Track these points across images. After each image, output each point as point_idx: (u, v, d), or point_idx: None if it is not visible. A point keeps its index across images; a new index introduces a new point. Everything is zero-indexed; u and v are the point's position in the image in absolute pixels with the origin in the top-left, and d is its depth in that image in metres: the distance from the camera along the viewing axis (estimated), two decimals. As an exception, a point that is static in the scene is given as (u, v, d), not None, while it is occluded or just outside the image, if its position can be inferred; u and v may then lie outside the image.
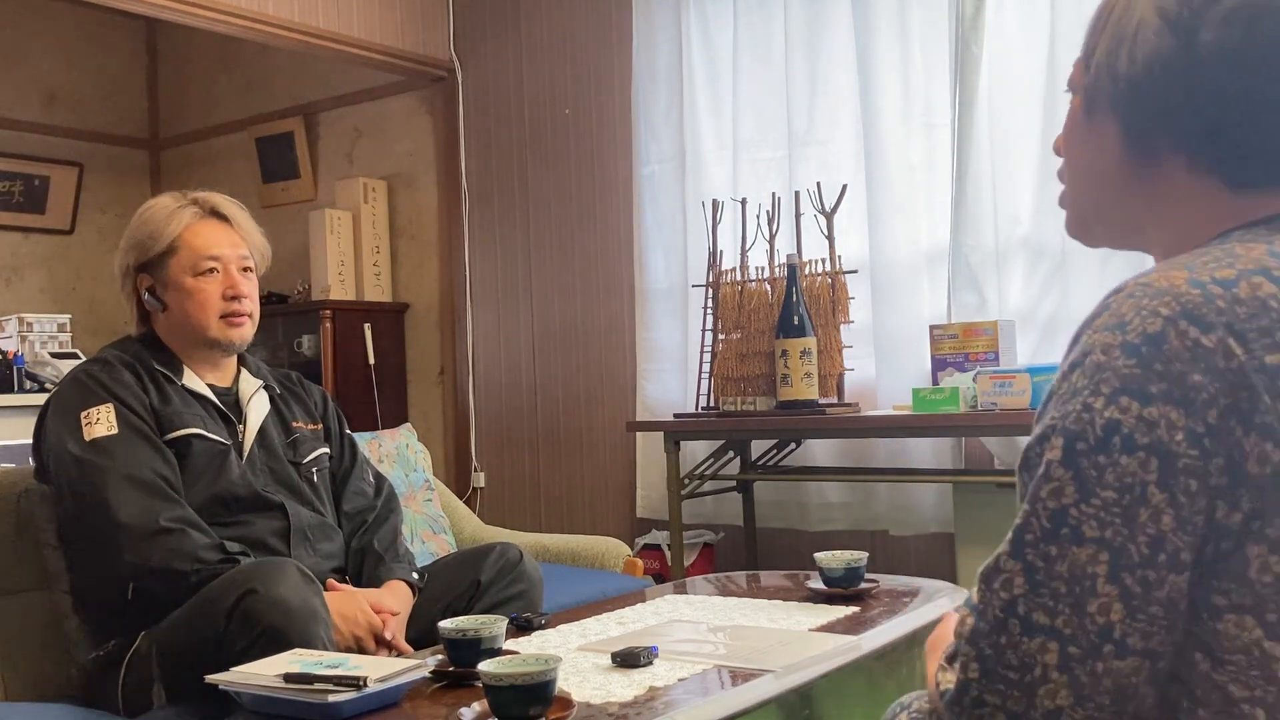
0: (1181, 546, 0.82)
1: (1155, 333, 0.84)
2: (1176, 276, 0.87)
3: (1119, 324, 0.86)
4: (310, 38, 4.10)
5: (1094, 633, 0.81)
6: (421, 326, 4.74)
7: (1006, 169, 3.32)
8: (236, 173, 5.18)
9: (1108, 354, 0.85)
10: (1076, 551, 0.82)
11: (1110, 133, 1.00)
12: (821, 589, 2.16)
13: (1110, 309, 0.88)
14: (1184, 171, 0.97)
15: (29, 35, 5.18)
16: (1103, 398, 0.84)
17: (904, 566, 3.41)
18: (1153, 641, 0.82)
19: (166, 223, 2.12)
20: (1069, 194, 1.09)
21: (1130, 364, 0.84)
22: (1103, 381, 0.84)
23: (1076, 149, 1.06)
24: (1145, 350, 0.84)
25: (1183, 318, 0.84)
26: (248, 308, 2.16)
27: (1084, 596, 0.81)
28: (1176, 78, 0.94)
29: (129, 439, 1.96)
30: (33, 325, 4.33)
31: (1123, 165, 1.00)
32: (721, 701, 1.56)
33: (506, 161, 4.46)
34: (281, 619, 1.71)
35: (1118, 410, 0.83)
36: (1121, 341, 0.85)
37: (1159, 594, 0.82)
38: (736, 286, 3.48)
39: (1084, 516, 0.82)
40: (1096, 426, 0.83)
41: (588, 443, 4.24)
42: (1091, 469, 0.83)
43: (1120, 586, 0.81)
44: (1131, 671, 0.82)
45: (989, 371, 2.97)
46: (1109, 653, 0.81)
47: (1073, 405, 0.85)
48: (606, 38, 4.17)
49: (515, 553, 2.25)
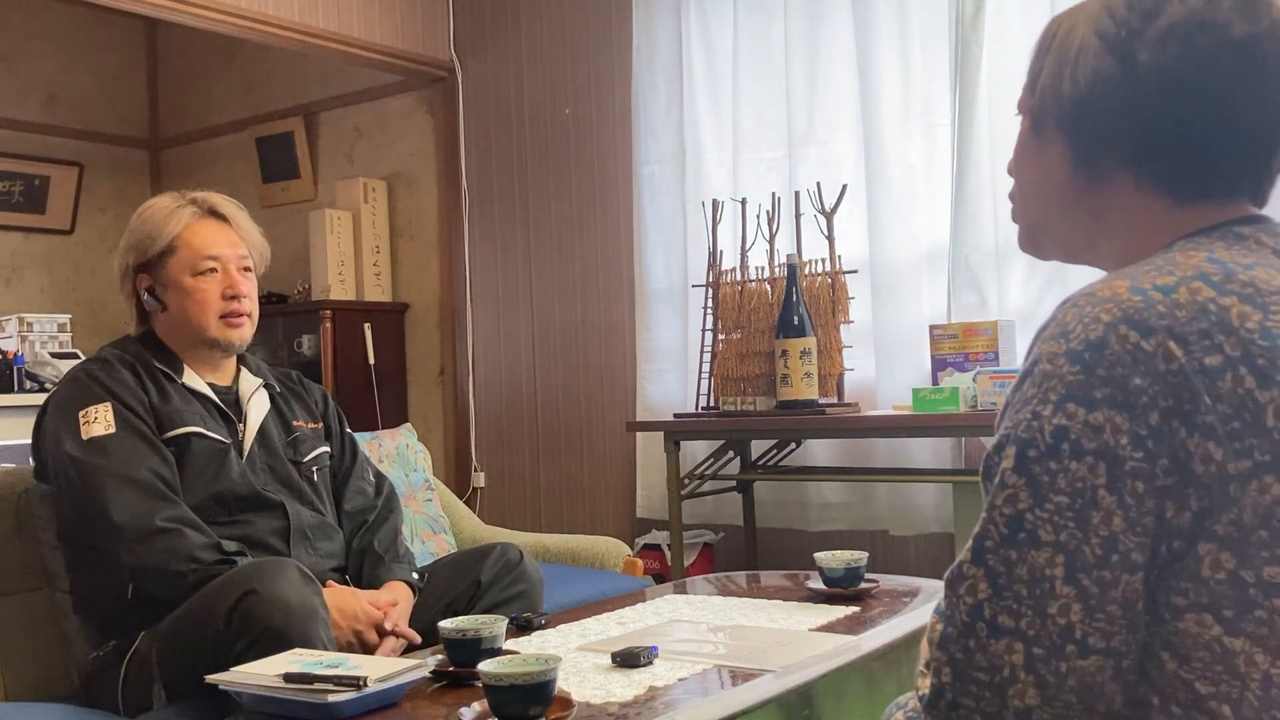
0: (1132, 547, 0.84)
1: (1097, 339, 0.86)
2: (1119, 285, 0.90)
3: (1063, 333, 0.89)
4: (310, 38, 4.10)
5: (1055, 633, 0.84)
6: (421, 326, 4.74)
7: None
8: (236, 173, 5.18)
9: (1053, 362, 0.88)
10: (1034, 555, 0.85)
11: (1057, 153, 1.03)
12: (821, 589, 2.16)
13: (1057, 319, 0.91)
14: (1130, 188, 0.99)
15: (29, 35, 5.18)
16: (1050, 405, 0.86)
17: (904, 566, 3.41)
18: (1113, 641, 0.84)
19: (165, 223, 2.12)
20: (1020, 211, 1.11)
21: (1075, 371, 0.86)
22: (1050, 389, 0.87)
23: (1026, 168, 1.08)
24: (1088, 356, 0.86)
25: (1123, 323, 0.86)
26: (247, 307, 2.16)
27: (1044, 599, 0.84)
28: (1117, 97, 0.97)
29: (126, 438, 1.96)
30: (33, 325, 4.33)
31: (1070, 183, 1.03)
32: (721, 701, 1.56)
33: (506, 161, 4.46)
34: (281, 618, 1.71)
35: (1065, 417, 0.85)
36: (1066, 349, 0.87)
37: (1115, 593, 0.84)
38: (736, 286, 3.48)
39: (1039, 521, 0.85)
40: (1046, 434, 0.86)
41: (588, 443, 4.24)
42: (1044, 475, 0.85)
43: (1077, 587, 0.84)
44: (1095, 670, 0.84)
45: (989, 371, 2.97)
46: (1071, 652, 0.84)
47: (1023, 414, 0.88)
48: (606, 38, 4.17)
49: (516, 553, 2.25)
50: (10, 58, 5.11)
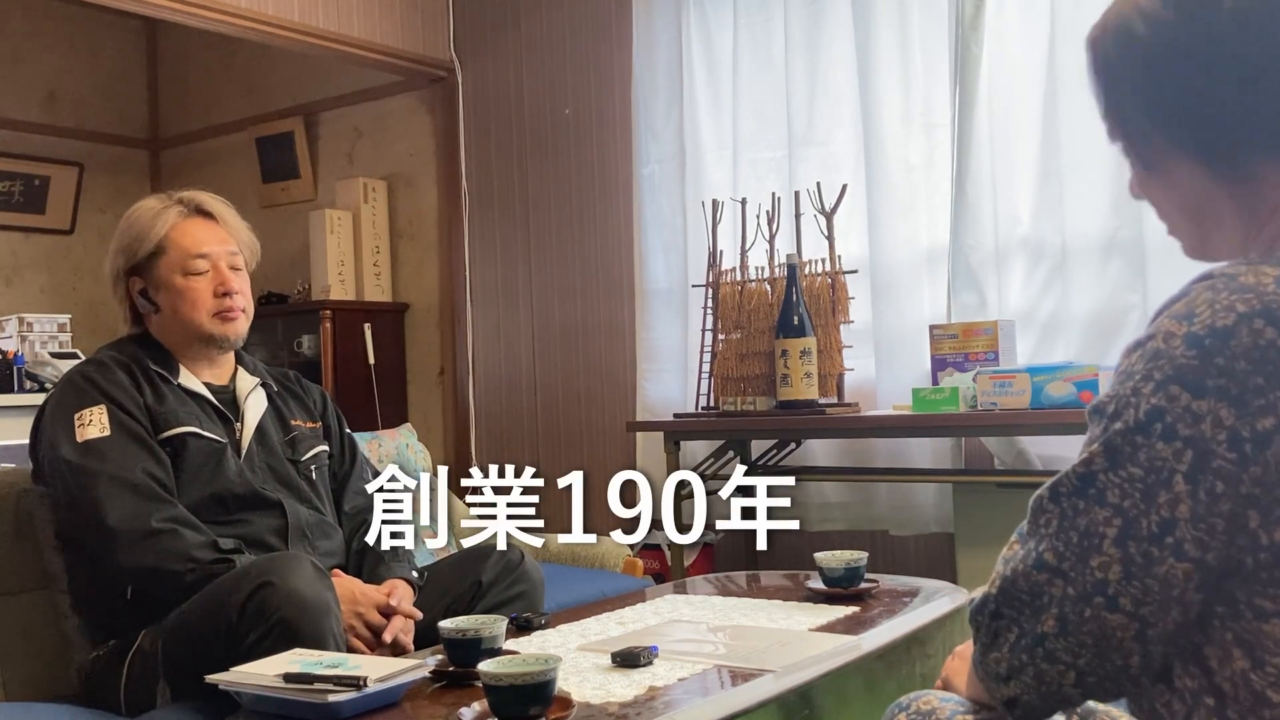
0: (1189, 538, 0.84)
1: (1224, 328, 0.84)
2: (1266, 273, 0.86)
3: (1188, 314, 0.86)
4: (310, 38, 4.10)
5: (1090, 584, 0.87)
6: (421, 326, 4.74)
7: (1006, 169, 3.31)
8: (236, 173, 5.18)
9: (1168, 341, 0.86)
10: (1097, 511, 0.88)
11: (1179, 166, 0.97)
12: (821, 589, 2.16)
13: (1188, 296, 0.88)
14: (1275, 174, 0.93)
15: (29, 35, 5.18)
16: (1153, 383, 0.86)
17: (904, 566, 3.41)
18: (1143, 609, 0.86)
19: (152, 224, 2.12)
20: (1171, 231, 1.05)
21: (1190, 355, 0.84)
22: (1156, 368, 0.86)
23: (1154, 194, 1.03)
24: (1209, 343, 0.84)
25: (1261, 316, 0.83)
26: (240, 303, 2.16)
27: (1089, 551, 0.87)
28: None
29: (121, 441, 1.96)
30: (33, 325, 4.33)
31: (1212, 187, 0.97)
32: (721, 701, 1.57)
33: (506, 161, 4.46)
34: (294, 611, 1.71)
35: (1165, 399, 0.85)
36: (1186, 332, 0.85)
37: (1158, 570, 0.85)
38: (736, 286, 3.48)
39: (1109, 484, 0.87)
40: (1140, 411, 0.86)
41: (588, 443, 4.24)
42: (1127, 446, 0.86)
43: (1124, 552, 0.86)
44: (1118, 627, 0.87)
45: (989, 371, 2.97)
46: (1099, 604, 0.87)
47: (1125, 387, 0.88)
48: (606, 38, 4.17)
49: (516, 554, 2.25)
50: (10, 58, 5.11)
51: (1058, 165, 3.22)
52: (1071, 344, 3.22)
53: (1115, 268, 3.14)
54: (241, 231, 2.21)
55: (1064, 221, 3.22)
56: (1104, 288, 3.17)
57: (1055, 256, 3.25)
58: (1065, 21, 3.18)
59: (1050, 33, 3.22)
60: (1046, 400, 2.84)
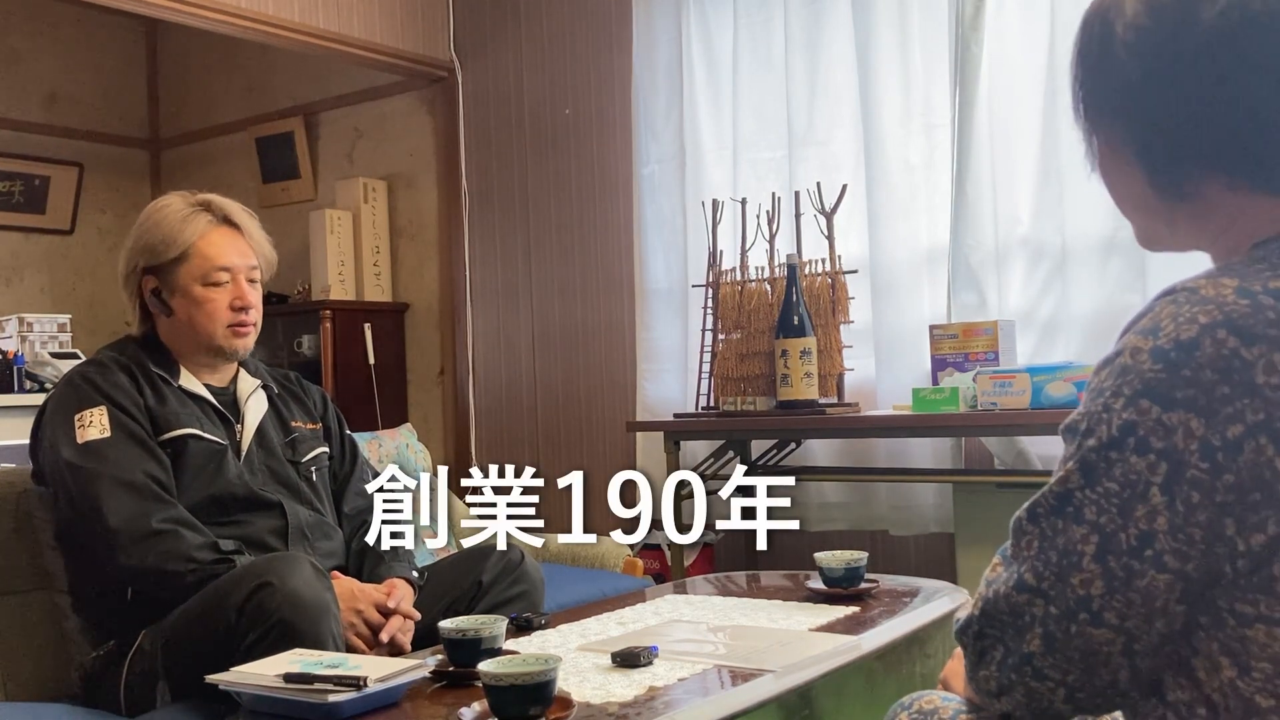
0: (1169, 550, 0.84)
1: (1189, 340, 0.84)
2: (1225, 285, 0.86)
3: (1154, 328, 0.87)
4: (310, 38, 4.10)
5: (1072, 600, 0.87)
6: (421, 327, 4.74)
7: (1006, 169, 3.31)
8: (236, 173, 5.18)
9: (1135, 356, 0.87)
10: (1074, 529, 0.88)
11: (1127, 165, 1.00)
12: (821, 589, 2.16)
13: (1152, 312, 0.89)
14: (1221, 188, 0.94)
15: (29, 35, 5.18)
16: (1123, 398, 0.86)
17: (904, 566, 3.41)
18: (1129, 622, 0.86)
19: (180, 229, 2.11)
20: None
21: (1156, 368, 0.85)
22: (1126, 384, 0.86)
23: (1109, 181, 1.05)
24: (1174, 356, 0.84)
25: (1223, 327, 0.84)
26: (254, 318, 2.17)
27: (1069, 570, 0.88)
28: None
29: (121, 442, 1.96)
30: (33, 325, 4.33)
31: (1153, 196, 0.99)
32: (721, 701, 1.57)
33: (506, 161, 4.46)
34: (293, 612, 1.71)
35: (1136, 413, 0.85)
36: (1152, 346, 0.86)
37: (1139, 584, 0.85)
38: (736, 286, 3.48)
39: (1085, 501, 0.87)
40: (1113, 426, 0.86)
41: (588, 442, 4.24)
42: (1101, 463, 0.87)
43: (1104, 567, 0.86)
44: (1105, 641, 0.87)
45: (989, 371, 2.97)
46: (1084, 620, 0.87)
47: (1095, 404, 0.89)
48: (606, 38, 4.17)
49: (517, 554, 2.25)
50: (10, 58, 5.11)
51: (1058, 165, 3.22)
52: (1071, 344, 3.22)
53: (1115, 268, 3.14)
54: (263, 245, 2.21)
55: (1064, 221, 3.22)
56: (1104, 288, 3.17)
57: (1055, 256, 3.25)
58: (1065, 22, 3.18)
59: (1050, 33, 3.22)
60: (1046, 400, 2.84)
